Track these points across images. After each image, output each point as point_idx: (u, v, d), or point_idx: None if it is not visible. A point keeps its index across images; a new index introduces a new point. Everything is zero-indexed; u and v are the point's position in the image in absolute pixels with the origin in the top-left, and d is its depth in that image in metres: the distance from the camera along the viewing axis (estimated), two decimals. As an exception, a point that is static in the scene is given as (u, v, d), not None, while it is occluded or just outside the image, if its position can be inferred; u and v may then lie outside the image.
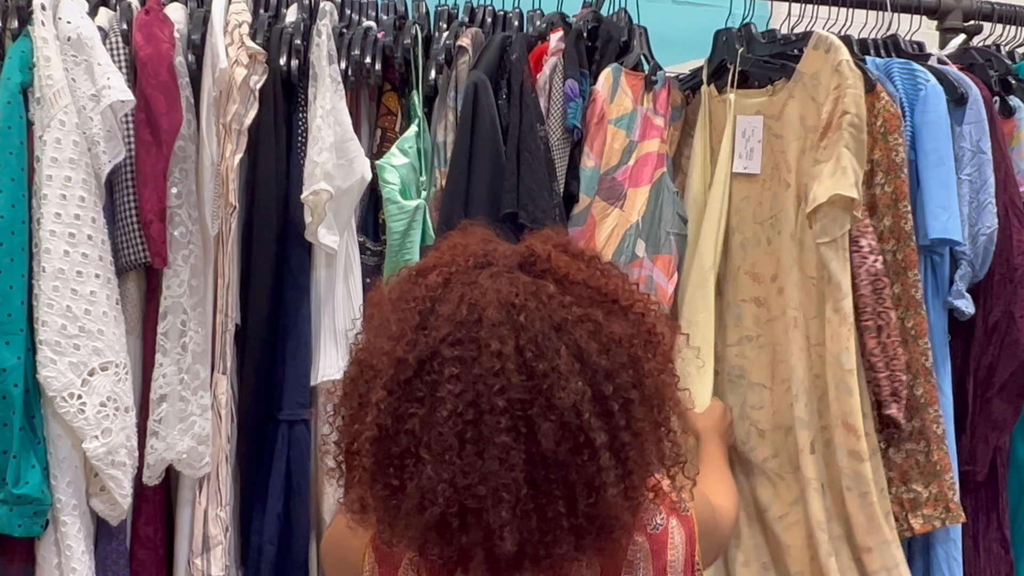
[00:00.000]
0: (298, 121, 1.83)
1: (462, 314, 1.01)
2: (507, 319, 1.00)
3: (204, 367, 1.72)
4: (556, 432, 0.98)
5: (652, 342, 1.06)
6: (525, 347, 0.99)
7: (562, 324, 1.01)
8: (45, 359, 1.59)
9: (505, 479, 0.97)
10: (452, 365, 0.99)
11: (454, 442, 0.98)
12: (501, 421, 0.97)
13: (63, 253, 1.60)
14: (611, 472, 1.00)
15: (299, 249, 1.81)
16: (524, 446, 0.98)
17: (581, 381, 0.99)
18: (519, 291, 1.02)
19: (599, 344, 1.01)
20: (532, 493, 0.99)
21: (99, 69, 1.64)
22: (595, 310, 1.03)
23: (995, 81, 2.04)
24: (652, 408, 1.04)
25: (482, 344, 0.99)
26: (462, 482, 0.98)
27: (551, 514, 0.99)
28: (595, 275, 1.07)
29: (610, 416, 1.00)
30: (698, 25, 2.39)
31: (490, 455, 0.97)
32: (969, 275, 1.91)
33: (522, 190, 1.78)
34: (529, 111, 1.82)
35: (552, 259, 1.06)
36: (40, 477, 1.60)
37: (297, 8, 1.89)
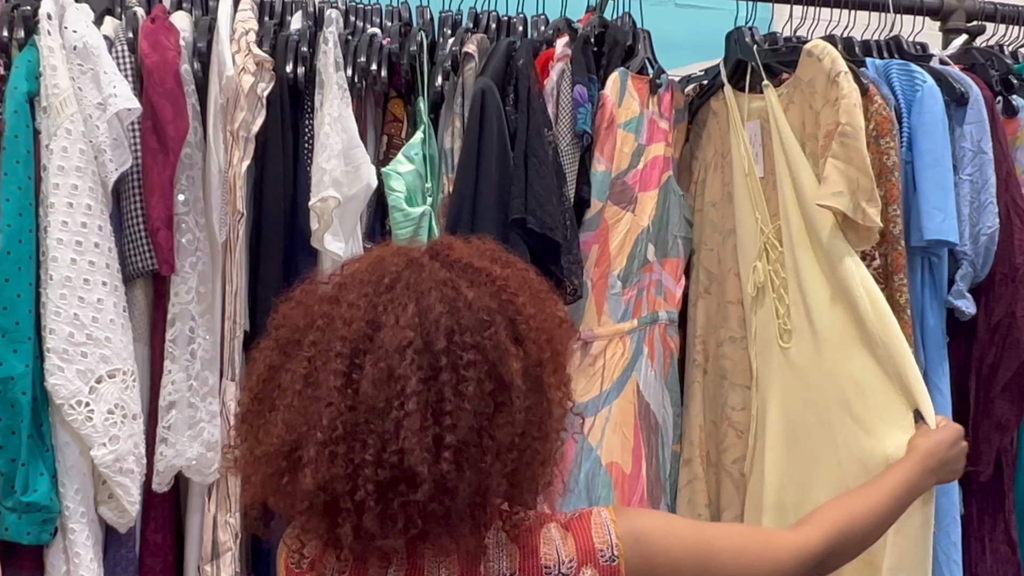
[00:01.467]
0: (305, 128, 1.81)
1: (344, 279, 1.05)
2: (374, 278, 1.03)
3: (213, 373, 1.71)
4: (376, 376, 0.98)
5: (514, 320, 1.04)
6: (378, 304, 1.01)
7: (424, 288, 1.02)
8: (53, 367, 1.58)
9: (324, 419, 0.98)
10: (320, 319, 1.03)
11: (300, 385, 1.01)
12: (335, 363, 0.99)
13: (70, 261, 1.59)
14: (415, 418, 0.97)
15: (306, 256, 1.79)
16: (350, 391, 0.99)
17: (413, 331, 0.99)
18: (400, 261, 1.05)
19: (449, 306, 1.01)
20: (345, 437, 0.98)
21: (105, 78, 1.63)
22: (461, 280, 1.04)
23: (996, 81, 2.03)
24: (490, 376, 1.00)
25: (346, 299, 1.02)
26: (293, 421, 1.00)
27: (358, 461, 0.98)
28: (484, 260, 1.08)
29: (435, 369, 0.99)
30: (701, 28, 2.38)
31: (319, 396, 0.99)
32: (970, 275, 1.90)
33: (530, 195, 1.77)
34: (536, 116, 1.80)
35: (453, 247, 1.08)
36: (48, 485, 1.59)
37: (302, 15, 1.87)
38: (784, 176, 1.85)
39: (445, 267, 1.05)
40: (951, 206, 1.85)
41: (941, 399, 1.86)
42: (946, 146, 1.88)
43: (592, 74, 1.91)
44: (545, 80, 1.87)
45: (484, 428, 1.00)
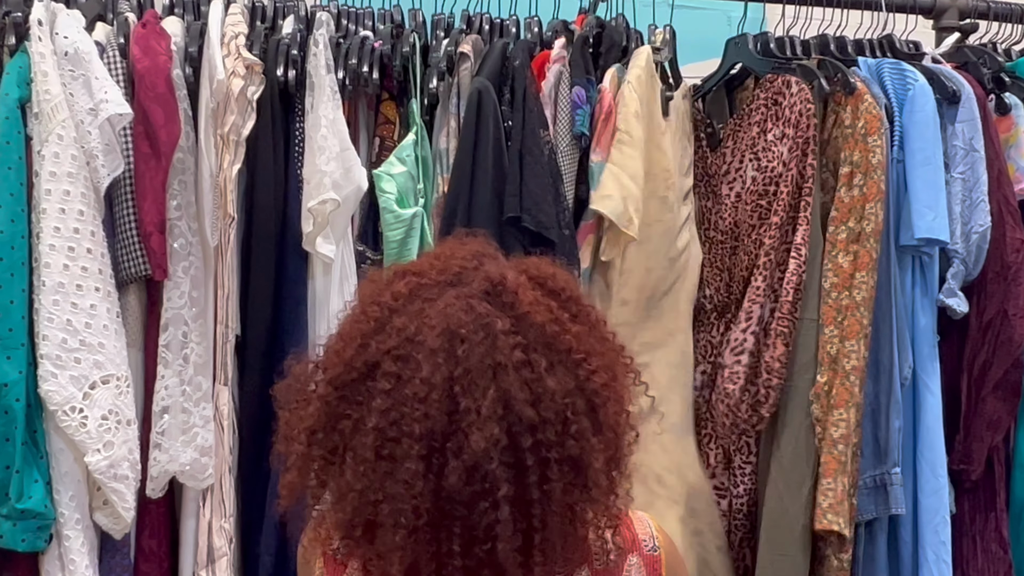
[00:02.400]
0: (295, 131, 1.81)
1: (410, 331, 0.99)
2: (447, 347, 0.97)
3: (206, 378, 1.71)
4: (463, 473, 0.95)
5: (594, 403, 1.01)
6: (456, 380, 0.97)
7: (499, 365, 0.97)
8: (46, 373, 1.58)
9: (406, 504, 0.96)
10: (387, 379, 0.98)
11: (371, 455, 0.97)
12: (415, 447, 0.96)
13: (63, 267, 1.59)
14: (508, 525, 0.96)
15: (296, 259, 1.79)
16: (433, 478, 0.96)
17: (499, 428, 0.95)
18: (470, 321, 0.98)
19: (531, 394, 0.97)
20: (431, 525, 0.96)
21: (96, 83, 1.62)
22: (539, 357, 0.99)
23: (989, 79, 2.03)
24: (574, 470, 0.99)
25: (417, 366, 0.97)
26: (371, 496, 0.97)
27: (446, 550, 0.97)
28: (558, 319, 1.02)
29: (522, 469, 0.97)
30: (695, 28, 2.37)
31: (398, 477, 0.96)
32: (962, 273, 1.90)
33: (525, 194, 1.76)
34: (532, 116, 1.80)
35: (519, 293, 1.02)
36: (43, 492, 1.58)
37: (293, 19, 1.87)
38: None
39: (516, 329, 1.00)
40: (942, 205, 1.86)
41: (931, 398, 1.87)
42: (937, 145, 1.88)
43: (590, 75, 1.91)
44: (542, 81, 1.87)
45: (569, 519, 1.00)
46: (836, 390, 1.80)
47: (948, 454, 1.95)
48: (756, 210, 1.91)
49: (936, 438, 1.87)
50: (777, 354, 1.82)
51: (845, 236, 1.83)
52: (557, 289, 1.06)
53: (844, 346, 1.81)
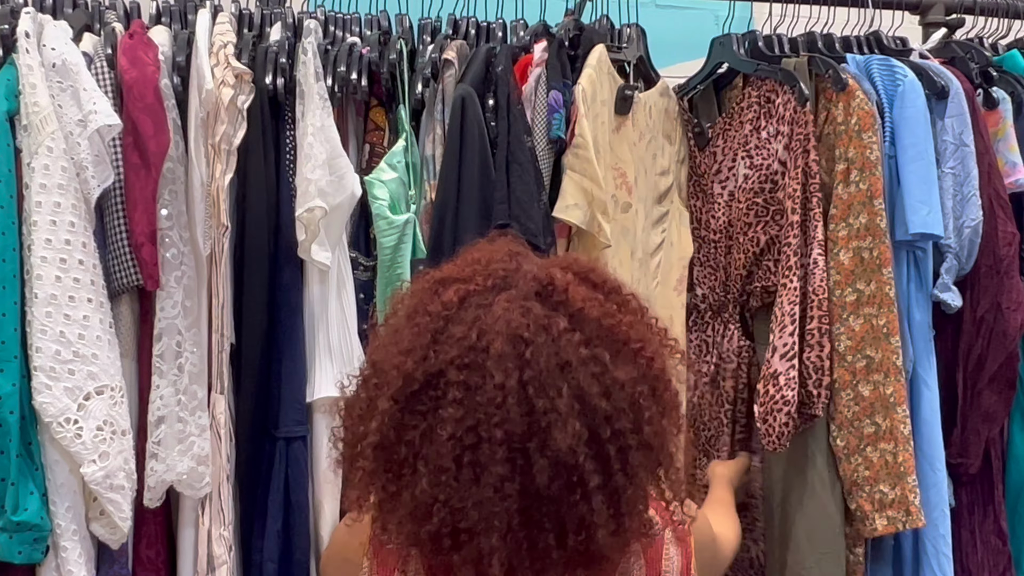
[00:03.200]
0: (286, 139, 1.81)
1: (472, 339, 1.01)
2: (514, 352, 1.00)
3: (201, 387, 1.70)
4: (551, 470, 0.98)
5: (656, 388, 1.06)
6: (528, 383, 0.99)
7: (567, 363, 1.01)
8: (40, 385, 1.57)
9: (497, 508, 0.98)
10: (456, 389, 1.00)
11: (451, 464, 0.99)
12: (498, 452, 0.98)
13: (55, 279, 1.58)
14: (603, 513, 1.00)
15: (291, 267, 1.79)
16: (519, 479, 0.98)
17: (579, 423, 0.99)
18: (530, 323, 1.01)
19: (601, 387, 1.01)
20: (523, 524, 0.99)
21: (85, 94, 1.62)
22: (603, 351, 1.02)
23: (976, 73, 2.03)
24: (650, 453, 1.04)
25: (487, 374, 0.99)
26: (456, 504, 0.99)
27: (541, 546, 1.00)
28: (610, 311, 1.06)
29: (606, 459, 1.00)
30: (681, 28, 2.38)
31: (485, 483, 0.98)
32: (955, 268, 1.90)
33: (513, 201, 1.76)
34: (517, 123, 1.80)
35: (570, 291, 1.05)
36: (39, 503, 1.58)
37: (281, 27, 1.87)
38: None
39: (575, 327, 1.03)
40: (935, 199, 1.86)
41: (928, 392, 1.87)
42: (929, 140, 1.89)
43: (567, 79, 1.90)
44: (523, 86, 1.87)
45: (644, 497, 1.06)
46: (892, 387, 1.80)
47: (945, 448, 1.95)
48: (752, 208, 1.91)
49: (934, 432, 1.87)
50: (825, 352, 1.81)
51: (846, 233, 1.83)
52: (600, 282, 1.09)
53: (889, 342, 1.80)
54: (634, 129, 1.96)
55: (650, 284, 1.98)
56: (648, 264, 1.98)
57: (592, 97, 1.84)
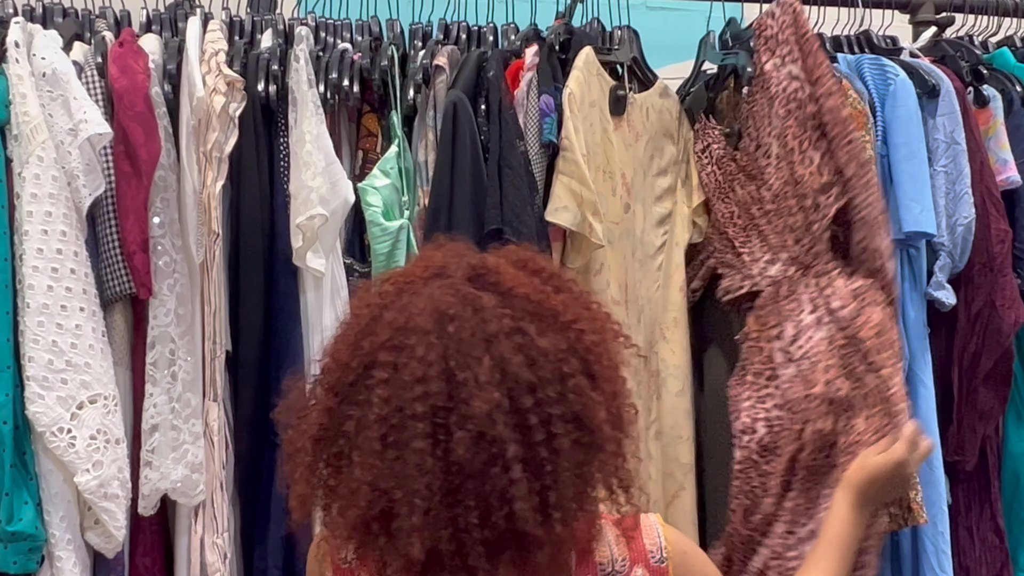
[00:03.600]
0: (279, 146, 1.80)
1: (400, 321, 1.01)
2: (437, 328, 0.99)
3: (195, 395, 1.69)
4: (470, 442, 0.96)
5: (588, 360, 1.02)
6: (450, 356, 0.98)
7: (492, 335, 0.99)
8: (33, 395, 1.56)
9: (418, 484, 0.96)
10: (383, 370, 0.99)
11: (378, 445, 0.98)
12: (419, 427, 0.97)
13: (47, 288, 1.58)
14: (522, 485, 0.96)
15: (286, 274, 1.78)
16: (441, 454, 0.97)
17: (499, 392, 0.97)
18: (456, 301, 1.01)
19: (525, 357, 0.99)
20: (446, 502, 0.97)
21: (75, 103, 1.61)
22: (529, 323, 1.01)
23: (967, 71, 2.03)
24: (578, 425, 1.00)
25: (411, 351, 0.99)
26: (382, 484, 0.98)
27: (464, 524, 0.97)
28: (542, 290, 1.04)
29: (526, 429, 0.97)
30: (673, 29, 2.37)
31: (407, 460, 0.97)
32: (949, 266, 1.90)
33: (505, 207, 1.76)
34: (508, 128, 1.80)
35: (501, 272, 1.05)
36: (33, 513, 1.57)
37: (272, 33, 1.86)
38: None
39: (502, 302, 1.02)
40: (928, 198, 1.86)
41: (924, 391, 1.87)
42: (920, 138, 1.88)
43: (558, 82, 1.90)
44: (515, 91, 1.87)
45: (580, 476, 1.01)
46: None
47: (942, 446, 1.94)
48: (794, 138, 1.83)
49: (931, 429, 1.86)
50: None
51: None
52: (538, 269, 1.08)
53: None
54: (630, 130, 1.95)
55: (651, 286, 1.97)
56: (649, 265, 1.97)
57: (581, 99, 1.83)
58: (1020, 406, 2.00)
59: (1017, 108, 2.04)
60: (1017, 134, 2.02)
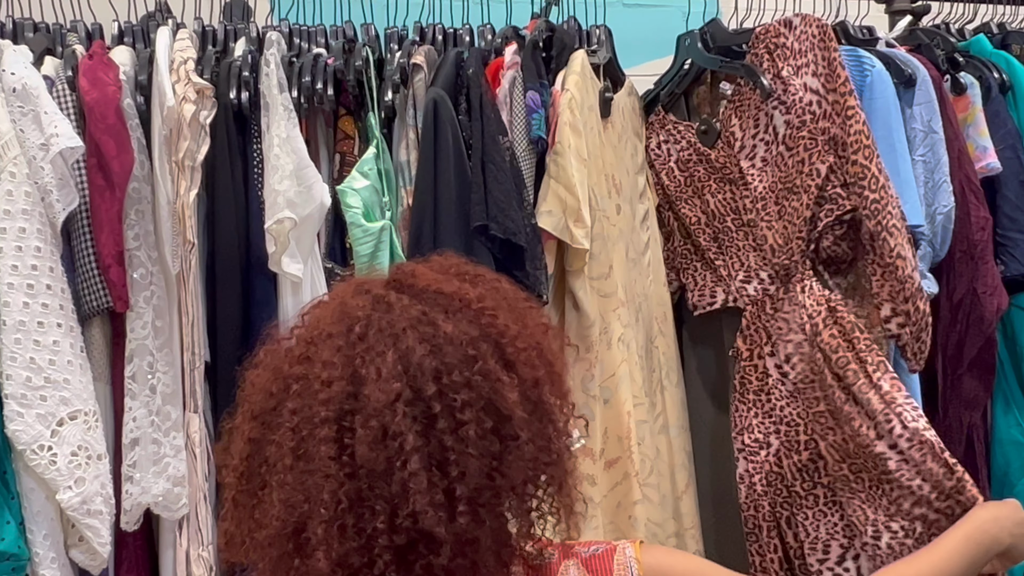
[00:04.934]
0: (253, 153, 1.77)
1: (310, 334, 0.96)
2: (344, 330, 0.94)
3: (175, 408, 1.66)
4: (371, 438, 0.90)
5: (500, 343, 0.96)
6: (356, 355, 0.93)
7: (399, 331, 0.94)
8: (12, 413, 1.53)
9: (324, 494, 0.90)
10: (295, 383, 0.94)
11: (290, 460, 0.93)
12: (323, 431, 0.91)
13: (22, 305, 1.54)
14: (422, 477, 0.89)
15: (263, 280, 1.74)
16: (347, 458, 0.91)
17: (399, 382, 0.91)
18: (365, 304, 0.96)
19: (430, 345, 0.93)
20: (352, 509, 0.90)
21: (46, 118, 1.58)
22: (437, 313, 0.95)
23: (943, 60, 2.01)
24: (488, 412, 0.92)
25: (317, 356, 0.94)
26: (293, 500, 0.92)
27: (370, 531, 0.90)
28: (453, 282, 0.99)
29: (431, 418, 0.91)
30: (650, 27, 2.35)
31: (314, 468, 0.91)
32: (929, 255, 1.87)
33: (490, 202, 1.72)
34: (490, 123, 1.76)
35: (418, 275, 1.00)
36: (16, 532, 1.54)
37: (245, 41, 1.83)
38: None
39: (415, 300, 0.96)
40: (910, 189, 1.83)
41: (907, 378, 1.84)
42: (899, 130, 1.86)
43: (543, 79, 1.88)
44: (496, 88, 1.84)
45: (494, 469, 0.93)
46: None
47: (927, 435, 1.92)
48: (798, 144, 1.79)
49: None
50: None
51: None
52: (462, 272, 1.02)
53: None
54: (613, 131, 1.94)
55: (644, 282, 1.95)
56: (640, 263, 1.95)
57: (581, 104, 1.81)
58: (1007, 393, 1.98)
59: (995, 95, 2.02)
60: (996, 121, 2.00)
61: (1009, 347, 1.99)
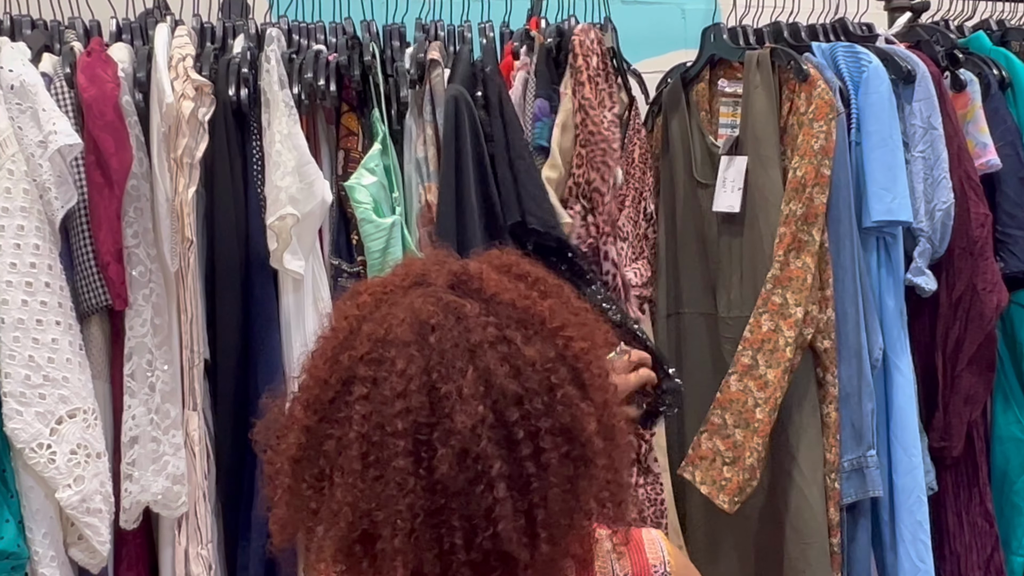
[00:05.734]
0: (252, 150, 1.75)
1: (379, 333, 0.94)
2: (418, 339, 0.92)
3: (174, 406, 1.64)
4: (453, 458, 0.89)
5: (577, 369, 0.95)
6: (432, 368, 0.91)
7: (476, 346, 0.92)
8: (11, 411, 1.51)
9: (400, 505, 0.89)
10: (363, 385, 0.92)
11: (358, 465, 0.91)
12: (400, 444, 0.89)
13: (21, 303, 1.52)
14: (507, 504, 0.89)
15: (263, 277, 1.72)
16: (424, 472, 0.89)
17: (483, 405, 0.89)
18: (438, 310, 0.93)
19: (511, 367, 0.91)
20: (428, 523, 0.90)
21: (44, 115, 1.56)
22: (514, 332, 0.93)
23: (942, 56, 2.00)
24: (568, 439, 0.92)
25: (391, 364, 0.92)
26: (364, 506, 0.91)
27: (448, 546, 0.90)
28: (528, 295, 0.97)
29: (513, 444, 0.90)
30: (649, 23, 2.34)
31: (388, 479, 0.90)
32: (928, 251, 1.86)
33: (525, 197, 1.73)
34: (513, 120, 1.77)
35: (484, 278, 0.97)
36: (15, 531, 1.52)
37: (244, 38, 1.81)
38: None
39: (486, 310, 0.95)
40: (902, 185, 1.82)
41: (902, 379, 1.83)
42: (894, 125, 1.84)
43: (555, 85, 1.86)
44: (510, 89, 1.84)
45: (570, 492, 0.93)
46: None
47: (928, 432, 1.91)
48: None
49: (908, 418, 1.83)
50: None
51: (784, 218, 1.80)
52: (523, 273, 1.01)
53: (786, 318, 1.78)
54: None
55: None
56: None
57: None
58: (1007, 390, 1.97)
59: (995, 92, 2.01)
60: (995, 118, 1.98)
61: (1009, 344, 1.98)
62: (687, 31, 2.32)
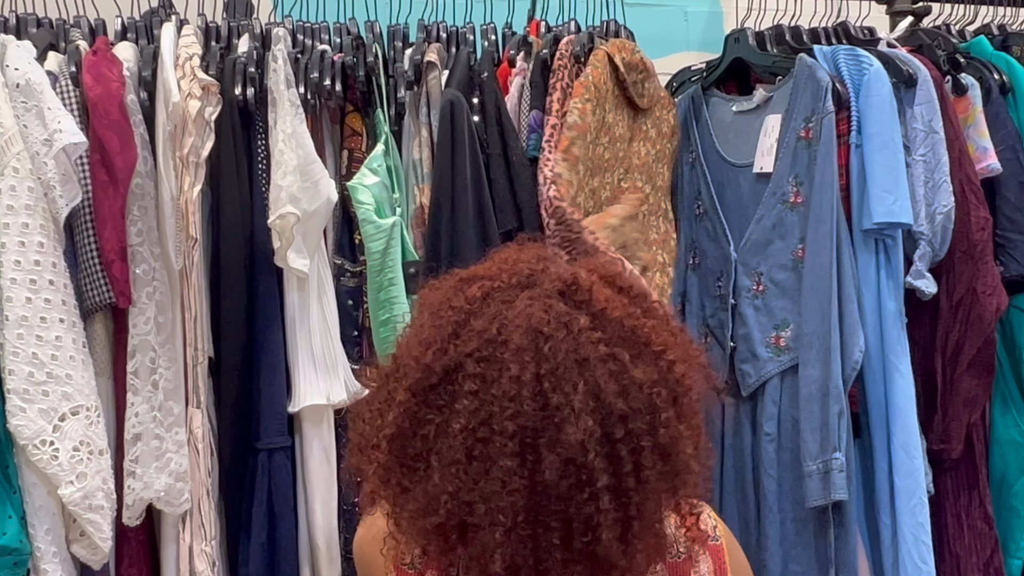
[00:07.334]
0: (258, 149, 1.74)
1: (491, 332, 0.97)
2: (532, 346, 0.96)
3: (177, 403, 1.63)
4: (560, 466, 0.93)
5: (676, 392, 1.00)
6: (544, 377, 0.95)
7: (586, 360, 0.96)
8: (14, 408, 1.50)
9: (503, 502, 0.94)
10: (472, 381, 0.96)
11: (462, 456, 0.95)
12: (508, 445, 0.94)
13: (25, 300, 1.51)
14: (609, 515, 0.94)
15: (267, 276, 1.71)
16: (528, 474, 0.94)
17: (593, 420, 0.94)
18: (550, 319, 0.97)
19: (619, 386, 0.96)
20: (528, 521, 0.94)
21: (49, 113, 1.55)
22: (623, 351, 0.98)
23: (944, 60, 1.98)
24: (665, 459, 0.98)
25: (503, 366, 0.95)
26: (464, 497, 0.95)
27: (545, 544, 0.95)
28: (633, 314, 1.01)
29: (617, 460, 0.95)
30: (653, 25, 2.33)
31: (493, 476, 0.94)
32: (929, 255, 1.85)
33: (520, 204, 1.73)
34: (510, 126, 1.76)
35: (593, 291, 1.01)
36: (18, 527, 1.51)
37: (249, 37, 1.80)
38: None
39: (597, 327, 0.98)
40: (903, 188, 1.80)
41: (902, 380, 1.81)
42: (895, 128, 1.83)
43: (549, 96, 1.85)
44: (506, 96, 1.83)
45: (661, 502, 1.00)
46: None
47: (927, 435, 1.90)
48: None
49: (909, 419, 1.81)
50: None
51: None
52: (625, 287, 1.05)
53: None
54: None
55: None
56: None
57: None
58: (1006, 393, 1.95)
59: (996, 96, 1.99)
60: (996, 122, 1.97)
61: (1008, 348, 1.96)
62: (689, 33, 2.31)
